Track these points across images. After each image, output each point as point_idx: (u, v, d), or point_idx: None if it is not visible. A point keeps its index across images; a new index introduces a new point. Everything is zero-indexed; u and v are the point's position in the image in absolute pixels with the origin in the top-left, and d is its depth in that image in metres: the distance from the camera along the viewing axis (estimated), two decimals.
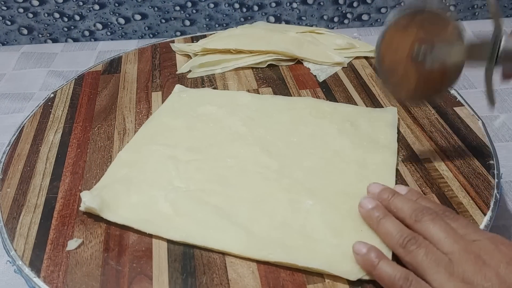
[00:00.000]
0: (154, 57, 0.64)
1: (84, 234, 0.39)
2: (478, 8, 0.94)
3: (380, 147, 0.46)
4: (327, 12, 0.92)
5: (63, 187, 0.43)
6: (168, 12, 0.90)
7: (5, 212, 0.41)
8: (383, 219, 0.36)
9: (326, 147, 0.46)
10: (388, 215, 0.36)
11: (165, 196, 0.41)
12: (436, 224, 0.33)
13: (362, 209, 0.38)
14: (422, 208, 0.35)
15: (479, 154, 0.46)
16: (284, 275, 0.35)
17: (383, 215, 0.36)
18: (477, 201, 0.40)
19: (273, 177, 0.42)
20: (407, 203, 0.36)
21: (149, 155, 0.45)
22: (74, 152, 0.48)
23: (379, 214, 0.36)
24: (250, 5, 0.90)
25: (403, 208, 0.36)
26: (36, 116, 0.53)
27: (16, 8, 0.87)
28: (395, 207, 0.36)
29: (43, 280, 0.35)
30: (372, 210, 0.37)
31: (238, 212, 0.39)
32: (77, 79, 0.60)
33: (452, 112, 0.51)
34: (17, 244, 0.38)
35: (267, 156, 0.45)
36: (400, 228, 0.34)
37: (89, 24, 0.90)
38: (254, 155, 0.45)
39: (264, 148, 0.46)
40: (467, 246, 0.32)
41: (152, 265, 0.36)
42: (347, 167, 0.44)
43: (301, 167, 0.44)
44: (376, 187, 0.39)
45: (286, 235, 0.37)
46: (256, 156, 0.45)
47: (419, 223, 0.34)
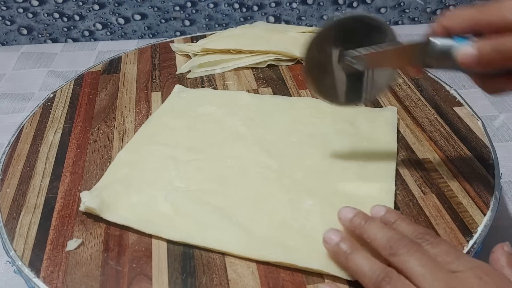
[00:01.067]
0: (153, 57, 0.64)
1: (83, 234, 0.39)
2: None
3: (380, 147, 0.46)
4: (327, 12, 0.92)
5: (63, 187, 0.43)
6: (167, 12, 0.90)
7: (5, 212, 0.41)
8: (351, 254, 0.32)
9: (326, 147, 0.46)
10: (358, 249, 0.33)
11: (165, 196, 0.41)
12: (413, 256, 0.30)
13: (328, 245, 0.34)
14: (397, 238, 0.32)
15: (479, 154, 0.46)
16: (283, 275, 0.35)
17: (351, 250, 0.33)
18: (477, 201, 0.40)
19: (273, 177, 0.42)
20: (381, 231, 0.33)
21: (149, 155, 0.45)
22: (74, 152, 0.48)
23: (346, 249, 0.33)
24: (250, 5, 0.90)
25: (376, 238, 0.32)
26: (35, 116, 0.53)
27: (15, 8, 0.87)
28: (369, 237, 0.33)
29: (43, 280, 0.35)
30: (338, 244, 0.33)
31: (238, 212, 0.39)
32: (76, 79, 0.60)
33: (452, 112, 0.51)
34: (17, 244, 0.38)
35: (267, 156, 0.45)
36: (372, 264, 0.31)
37: (89, 24, 0.90)
38: (254, 155, 0.45)
39: (264, 148, 0.46)
40: (448, 281, 0.28)
41: (151, 265, 0.36)
42: (347, 167, 0.44)
43: (301, 167, 0.44)
44: (348, 213, 0.36)
45: (286, 235, 0.37)
46: (256, 156, 0.45)
47: (395, 257, 0.31)
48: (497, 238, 0.48)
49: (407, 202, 0.41)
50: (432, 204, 0.40)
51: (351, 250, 0.33)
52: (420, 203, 0.40)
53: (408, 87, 0.56)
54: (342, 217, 0.36)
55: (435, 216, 0.39)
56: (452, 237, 0.37)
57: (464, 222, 0.39)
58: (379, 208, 0.36)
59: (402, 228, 0.34)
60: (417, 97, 0.54)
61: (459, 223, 0.38)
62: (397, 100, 0.54)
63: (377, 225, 0.34)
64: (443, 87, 0.56)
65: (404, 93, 0.55)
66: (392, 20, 0.94)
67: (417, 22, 0.94)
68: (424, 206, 0.40)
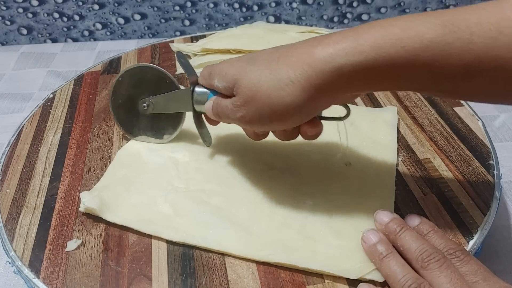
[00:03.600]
0: (153, 57, 0.64)
1: (83, 235, 0.39)
2: None
3: (380, 147, 0.46)
4: (327, 12, 0.92)
5: (63, 188, 0.43)
6: (167, 12, 0.90)
7: (5, 213, 0.41)
8: (387, 258, 0.33)
9: (326, 147, 0.46)
10: (393, 253, 0.34)
11: (165, 197, 0.41)
12: (443, 273, 0.31)
13: (365, 244, 0.35)
14: (431, 252, 0.32)
15: (479, 154, 0.45)
16: (283, 275, 0.35)
17: (387, 252, 0.34)
18: (477, 201, 0.40)
19: (273, 178, 0.42)
20: (415, 242, 0.33)
21: (149, 156, 0.45)
22: (74, 152, 0.48)
23: (383, 251, 0.34)
24: (250, 5, 0.90)
25: (410, 248, 0.33)
26: (35, 117, 0.53)
27: (15, 8, 0.87)
28: (402, 246, 0.34)
29: (43, 280, 0.35)
30: (375, 245, 0.34)
31: (238, 213, 0.39)
32: (76, 79, 0.60)
33: (452, 112, 0.51)
34: (17, 245, 0.38)
35: (267, 157, 0.45)
36: (406, 271, 0.32)
37: (89, 24, 0.90)
38: (253, 155, 0.45)
39: (263, 148, 0.46)
40: None
41: (151, 266, 0.36)
42: (347, 167, 0.43)
43: (301, 167, 0.43)
44: (384, 217, 0.36)
45: (286, 236, 0.37)
46: (256, 157, 0.45)
47: (426, 270, 0.32)
48: (497, 238, 0.48)
49: (407, 202, 0.41)
50: (432, 204, 0.40)
51: (387, 253, 0.34)
52: (420, 203, 0.40)
53: None
54: (378, 220, 0.37)
55: (435, 216, 0.39)
56: (452, 237, 0.37)
57: (464, 222, 0.38)
58: (413, 217, 0.37)
59: (434, 240, 0.34)
60: (417, 97, 0.54)
61: (459, 223, 0.38)
62: (397, 100, 0.54)
63: (411, 235, 0.34)
64: None
65: (404, 93, 0.55)
66: None
67: None
68: (424, 206, 0.40)
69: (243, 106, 0.34)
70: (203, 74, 0.39)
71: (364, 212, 0.38)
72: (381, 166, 0.44)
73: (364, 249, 0.35)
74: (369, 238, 0.35)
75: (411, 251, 0.33)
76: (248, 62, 0.35)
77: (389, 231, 0.35)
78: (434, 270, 0.31)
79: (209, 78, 0.38)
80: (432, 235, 0.35)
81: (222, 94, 0.37)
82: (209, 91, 0.40)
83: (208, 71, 0.38)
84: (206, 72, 0.39)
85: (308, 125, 0.36)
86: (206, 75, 0.39)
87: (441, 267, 0.31)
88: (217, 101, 0.38)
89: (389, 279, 0.33)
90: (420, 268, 0.32)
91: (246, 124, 0.36)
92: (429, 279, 0.31)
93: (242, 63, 0.35)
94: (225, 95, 0.37)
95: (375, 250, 0.34)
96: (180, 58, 0.44)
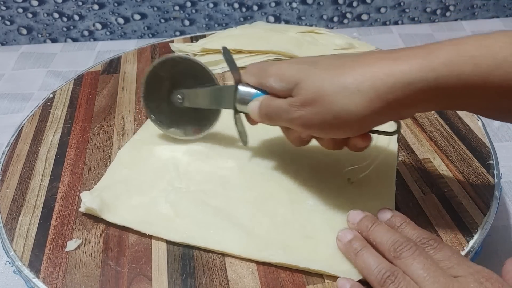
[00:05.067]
0: (153, 57, 0.64)
1: (83, 235, 0.39)
2: (478, 8, 0.93)
3: (380, 147, 0.46)
4: (327, 12, 0.92)
5: (62, 188, 0.43)
6: (167, 12, 0.90)
7: (4, 213, 0.41)
8: (361, 251, 0.34)
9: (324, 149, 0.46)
10: (367, 247, 0.34)
11: (166, 197, 0.41)
12: (415, 260, 0.31)
13: (340, 242, 0.35)
14: (402, 241, 0.32)
15: (479, 154, 0.45)
16: (283, 275, 0.35)
17: (361, 247, 0.34)
18: (477, 201, 0.40)
19: (273, 178, 0.42)
20: (387, 234, 0.34)
21: (149, 156, 0.45)
22: (74, 152, 0.48)
23: (357, 246, 0.34)
24: (250, 5, 0.90)
25: (382, 241, 0.33)
26: (35, 117, 0.53)
27: (15, 8, 0.87)
28: (374, 240, 0.34)
29: (43, 280, 0.35)
30: (350, 242, 0.35)
31: (238, 213, 0.39)
32: (76, 79, 0.60)
33: (452, 112, 0.51)
34: (17, 245, 0.38)
35: (267, 157, 0.45)
36: (379, 262, 0.32)
37: (89, 24, 0.90)
38: (254, 156, 0.45)
39: (264, 149, 0.46)
40: (448, 284, 0.29)
41: (151, 266, 0.36)
42: (346, 167, 0.43)
43: (301, 167, 0.43)
44: (356, 216, 0.37)
45: (287, 236, 0.37)
46: (256, 157, 0.45)
47: (399, 260, 0.32)
48: (497, 238, 0.48)
49: (407, 202, 0.41)
50: (432, 204, 0.40)
51: (360, 248, 0.34)
52: (420, 203, 0.40)
53: None
54: (350, 219, 0.37)
55: (435, 216, 0.39)
56: (452, 237, 0.37)
57: (464, 222, 0.38)
58: (385, 211, 0.37)
59: (407, 232, 0.34)
60: None
61: (459, 223, 0.38)
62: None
63: (383, 228, 0.35)
64: None
65: None
66: (392, 20, 0.94)
67: (417, 22, 0.94)
68: (424, 206, 0.40)
69: (303, 106, 0.34)
70: (252, 70, 0.38)
71: None
72: (382, 166, 0.44)
73: (339, 248, 0.36)
74: (344, 236, 0.35)
75: (383, 244, 0.33)
76: (310, 64, 0.34)
77: (362, 228, 0.36)
78: (407, 258, 0.31)
79: (260, 77, 0.37)
80: (405, 227, 0.35)
81: (273, 94, 0.37)
82: (254, 91, 0.38)
83: (259, 67, 0.37)
84: (255, 70, 0.38)
85: (360, 138, 0.35)
86: (256, 73, 0.38)
87: (413, 254, 0.31)
88: (268, 101, 0.37)
89: (364, 272, 0.33)
90: (393, 258, 0.32)
91: (301, 126, 0.35)
92: (403, 268, 0.31)
93: (303, 65, 0.34)
94: (277, 96, 0.36)
95: (350, 246, 0.34)
96: (226, 54, 0.42)
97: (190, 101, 0.43)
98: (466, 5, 0.93)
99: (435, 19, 0.94)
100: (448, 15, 0.94)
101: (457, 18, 0.95)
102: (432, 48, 0.31)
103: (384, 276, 0.31)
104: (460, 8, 0.93)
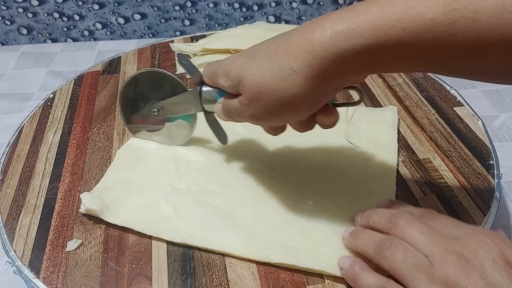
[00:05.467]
0: (153, 57, 0.64)
1: (83, 235, 0.39)
2: None
3: (380, 147, 0.46)
4: (327, 12, 0.92)
5: (63, 188, 0.43)
6: (167, 12, 0.90)
7: (5, 213, 0.41)
8: (361, 233, 0.35)
9: (326, 147, 0.46)
10: (365, 230, 0.35)
11: (166, 198, 0.41)
12: (412, 226, 0.31)
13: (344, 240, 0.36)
14: (397, 213, 0.33)
15: (479, 154, 0.45)
16: (283, 275, 0.35)
17: (360, 230, 0.35)
18: (477, 201, 0.40)
19: (274, 178, 0.42)
20: (384, 214, 0.34)
21: (149, 156, 0.45)
22: (74, 152, 0.48)
23: (354, 230, 0.35)
24: (250, 5, 0.90)
25: (380, 220, 0.34)
26: (35, 117, 0.53)
27: (15, 8, 0.87)
28: (373, 222, 0.34)
29: (43, 280, 0.35)
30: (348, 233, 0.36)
31: (239, 213, 0.39)
32: (76, 79, 0.60)
33: (452, 112, 0.51)
34: (17, 245, 0.38)
35: (268, 157, 0.45)
36: (376, 236, 0.33)
37: (89, 24, 0.90)
38: (254, 156, 0.45)
39: (264, 149, 0.46)
40: (448, 245, 0.29)
41: (151, 266, 0.36)
42: (347, 167, 0.43)
43: (301, 167, 0.43)
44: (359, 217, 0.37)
45: (287, 236, 0.37)
46: (257, 157, 0.45)
47: (395, 229, 0.32)
48: None
49: (407, 202, 0.40)
50: (433, 204, 0.40)
51: (360, 230, 0.35)
52: (420, 203, 0.40)
53: (408, 87, 0.56)
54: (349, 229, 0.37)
55: None
56: None
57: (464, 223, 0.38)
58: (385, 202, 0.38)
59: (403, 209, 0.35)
60: (417, 97, 0.54)
61: None
62: (398, 100, 0.54)
63: (380, 211, 0.35)
64: (443, 87, 0.55)
65: (404, 93, 0.55)
66: None
67: None
68: (424, 206, 0.40)
69: (251, 103, 0.34)
70: (207, 73, 0.39)
71: None
72: (382, 166, 0.44)
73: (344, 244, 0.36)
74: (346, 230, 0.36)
75: (380, 222, 0.33)
76: (248, 57, 0.34)
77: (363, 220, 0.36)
78: (402, 226, 0.31)
79: (213, 77, 0.38)
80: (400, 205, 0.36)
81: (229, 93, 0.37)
82: (216, 90, 0.39)
83: (211, 69, 0.38)
84: (209, 71, 0.38)
85: (323, 114, 0.35)
86: (210, 74, 0.38)
87: (409, 221, 0.31)
88: (226, 102, 0.37)
89: (364, 250, 0.33)
90: (390, 229, 0.32)
91: (258, 122, 0.36)
92: (400, 235, 0.31)
93: (243, 59, 0.34)
94: (233, 94, 0.36)
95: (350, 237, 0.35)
96: (181, 59, 0.43)
97: (165, 112, 0.44)
98: None
99: None
100: None
101: None
102: (359, 11, 0.29)
103: (380, 244, 0.31)
104: None
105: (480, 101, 0.68)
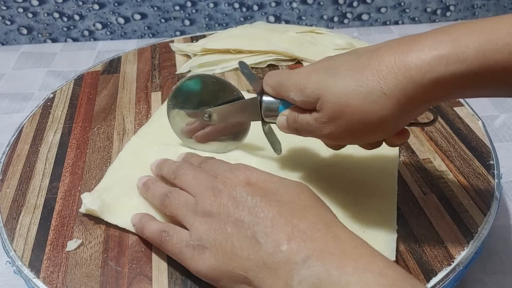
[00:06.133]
0: (153, 57, 0.64)
1: (83, 235, 0.39)
2: (478, 8, 0.93)
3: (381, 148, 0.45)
4: (327, 11, 0.92)
5: (63, 188, 0.43)
6: (167, 12, 0.90)
7: (5, 213, 0.41)
8: (150, 185, 0.39)
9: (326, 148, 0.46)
10: (156, 181, 0.39)
11: None
12: (188, 174, 0.36)
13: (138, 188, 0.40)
14: (179, 165, 0.38)
15: (479, 154, 0.45)
16: None
17: (151, 182, 0.39)
18: (477, 201, 0.40)
19: None
20: (171, 166, 0.39)
21: (150, 156, 0.45)
22: (74, 152, 0.48)
23: (146, 181, 0.39)
24: (250, 5, 0.90)
25: (168, 172, 0.39)
26: (35, 117, 0.53)
27: (15, 8, 0.87)
28: (163, 173, 0.39)
29: (43, 280, 0.35)
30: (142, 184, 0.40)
31: None
32: (76, 79, 0.60)
33: (452, 112, 0.51)
34: (17, 245, 0.38)
35: (267, 157, 0.45)
36: (162, 188, 0.37)
37: (89, 24, 0.90)
38: (254, 156, 0.45)
39: (264, 149, 0.45)
40: (209, 183, 0.34)
41: (151, 266, 0.36)
42: (348, 167, 0.43)
43: (302, 167, 0.43)
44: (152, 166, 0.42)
45: None
46: (256, 157, 0.45)
47: (177, 179, 0.37)
48: (497, 238, 0.48)
49: (407, 202, 0.41)
50: (433, 204, 0.40)
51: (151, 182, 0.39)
52: (420, 203, 0.40)
53: None
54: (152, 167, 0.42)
55: (436, 217, 0.39)
56: (452, 237, 0.37)
57: (464, 223, 0.38)
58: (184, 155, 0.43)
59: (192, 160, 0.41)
60: None
61: (460, 224, 0.38)
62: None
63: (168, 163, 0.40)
64: None
65: None
66: (392, 20, 0.94)
67: (417, 22, 0.94)
68: (424, 206, 0.40)
69: (330, 122, 0.33)
70: (271, 83, 0.37)
71: (366, 213, 0.38)
72: (383, 166, 0.44)
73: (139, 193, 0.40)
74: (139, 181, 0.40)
75: (166, 172, 0.39)
76: (328, 74, 0.33)
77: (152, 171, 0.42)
78: (182, 175, 0.37)
79: (280, 89, 0.36)
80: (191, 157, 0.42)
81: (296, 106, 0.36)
82: (279, 101, 0.38)
83: (277, 80, 0.37)
84: (274, 82, 0.37)
85: (397, 135, 0.34)
86: (275, 85, 0.37)
87: (187, 170, 0.37)
88: (293, 116, 0.36)
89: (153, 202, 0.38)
90: (173, 180, 0.37)
91: (334, 140, 0.35)
92: (181, 185, 0.36)
93: (321, 74, 0.33)
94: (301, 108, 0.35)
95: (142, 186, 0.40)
96: (243, 68, 0.41)
97: (218, 118, 0.43)
98: (467, 5, 0.93)
99: (436, 19, 0.94)
100: (448, 15, 0.94)
101: (458, 18, 0.94)
102: (459, 35, 0.28)
103: (163, 196, 0.36)
104: (460, 8, 0.93)
105: (480, 101, 0.68)
